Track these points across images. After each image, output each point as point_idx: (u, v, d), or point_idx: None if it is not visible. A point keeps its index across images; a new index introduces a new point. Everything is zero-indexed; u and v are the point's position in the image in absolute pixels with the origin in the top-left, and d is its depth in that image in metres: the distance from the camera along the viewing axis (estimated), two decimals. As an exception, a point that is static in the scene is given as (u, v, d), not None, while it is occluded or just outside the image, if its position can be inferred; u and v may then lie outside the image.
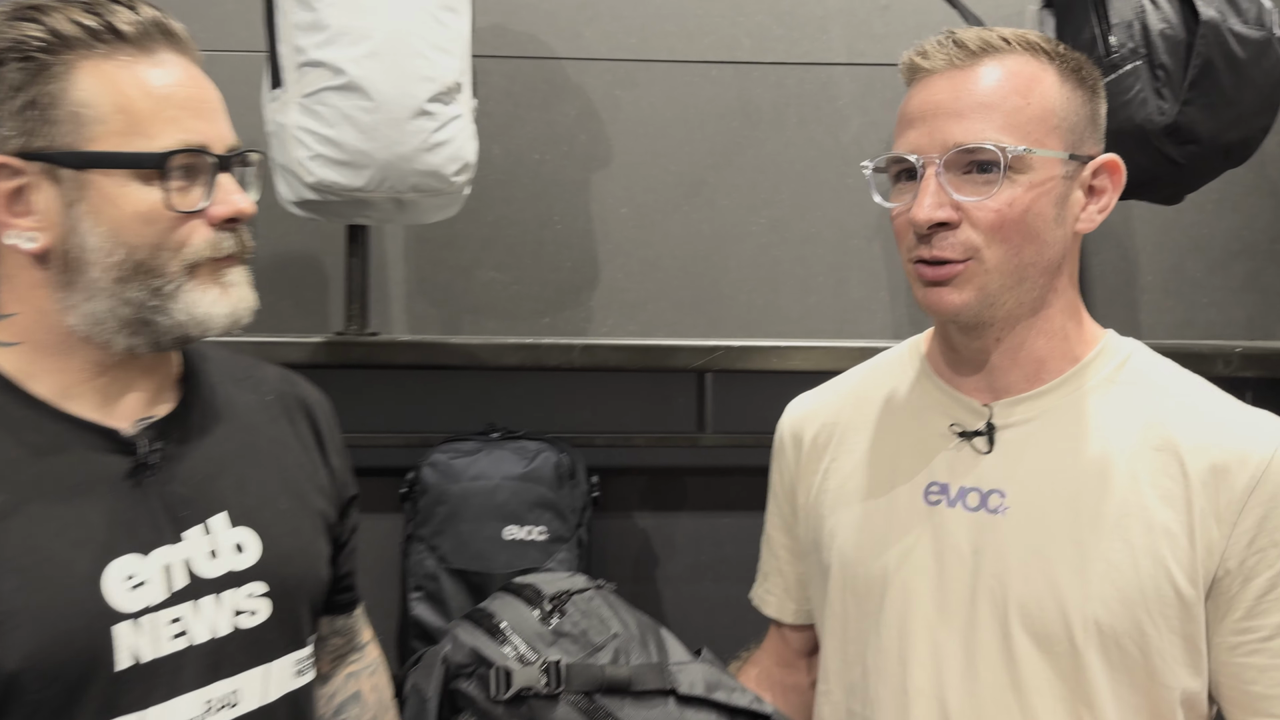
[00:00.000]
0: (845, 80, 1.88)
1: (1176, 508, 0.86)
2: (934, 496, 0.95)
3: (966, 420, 0.96)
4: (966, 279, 0.89)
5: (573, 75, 1.85)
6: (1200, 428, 0.89)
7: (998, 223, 0.87)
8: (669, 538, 1.87)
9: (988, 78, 0.89)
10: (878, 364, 1.11)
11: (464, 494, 1.54)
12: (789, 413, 1.16)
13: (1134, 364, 0.95)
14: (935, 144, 0.88)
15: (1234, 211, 1.94)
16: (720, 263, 1.88)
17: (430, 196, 1.46)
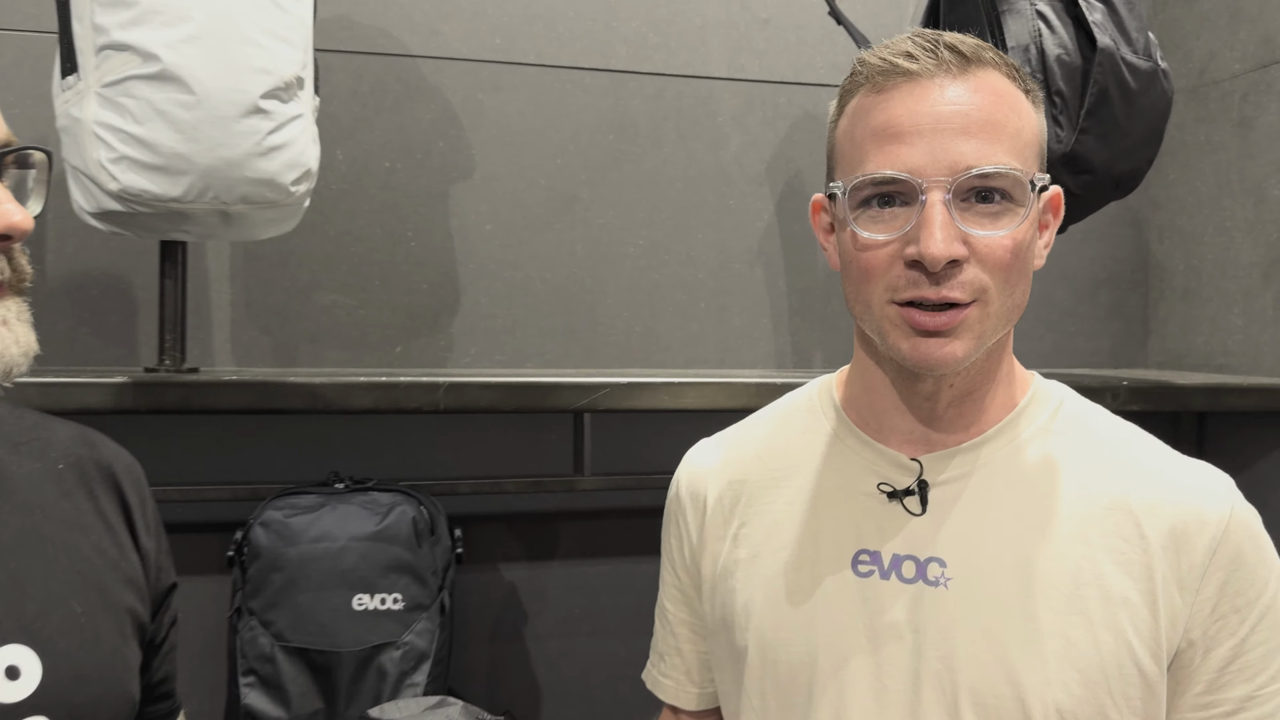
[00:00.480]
0: (725, 96, 1.77)
1: (1135, 575, 0.77)
2: (864, 567, 0.82)
3: (894, 477, 0.83)
4: (968, 326, 0.75)
5: (429, 75, 1.65)
6: (1151, 485, 0.79)
7: (1009, 261, 0.75)
8: (539, 590, 1.69)
9: (987, 92, 0.76)
10: (785, 411, 0.97)
11: (304, 559, 1.32)
12: (688, 467, 0.98)
13: (1067, 411, 0.85)
14: (941, 165, 0.73)
15: (1099, 241, 1.95)
16: (595, 286, 1.72)
17: (263, 209, 1.24)
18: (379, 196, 1.64)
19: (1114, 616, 0.76)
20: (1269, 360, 1.69)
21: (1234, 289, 1.77)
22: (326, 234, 1.61)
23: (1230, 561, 0.76)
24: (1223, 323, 1.80)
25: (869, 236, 0.76)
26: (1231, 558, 0.76)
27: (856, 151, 0.78)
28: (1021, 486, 0.80)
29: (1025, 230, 0.76)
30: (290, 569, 1.31)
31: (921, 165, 0.74)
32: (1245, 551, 0.76)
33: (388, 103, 1.64)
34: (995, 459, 0.82)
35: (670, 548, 0.99)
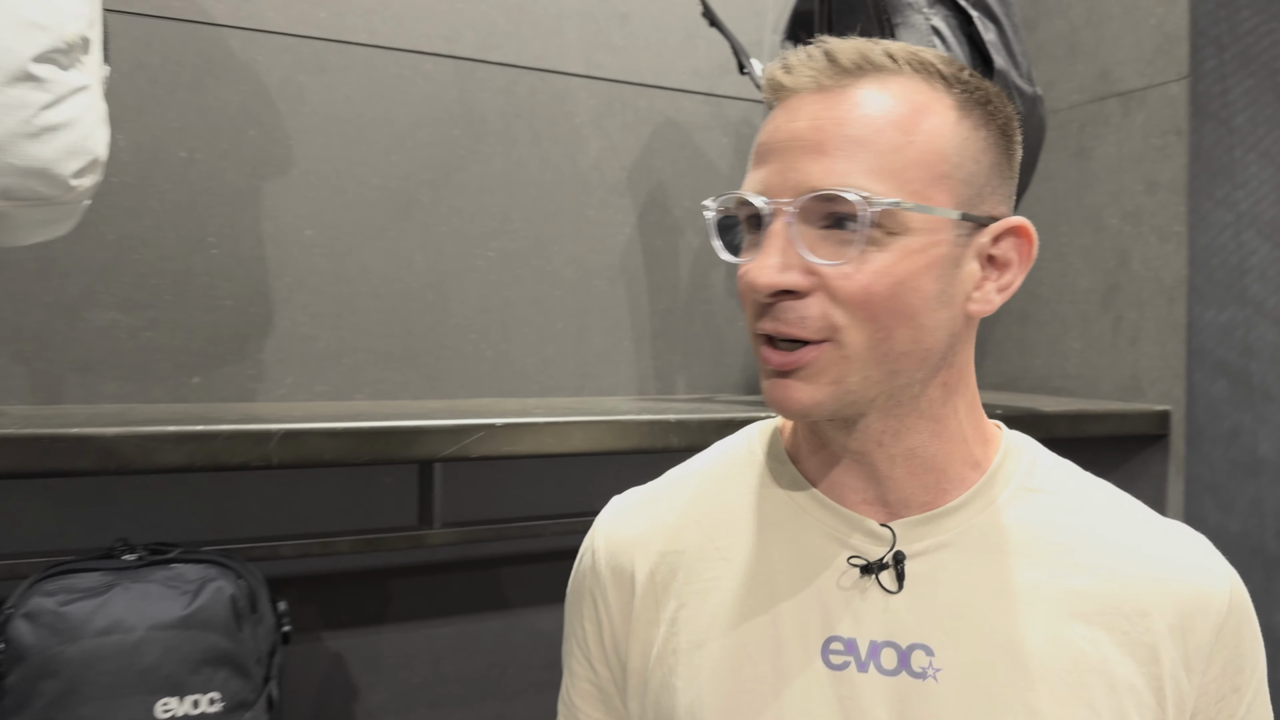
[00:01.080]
0: (583, 94, 1.60)
1: (1140, 658, 0.68)
2: (838, 657, 0.70)
3: (865, 547, 0.71)
4: (820, 369, 0.66)
5: (239, 49, 1.37)
6: (1149, 559, 0.71)
7: (863, 297, 0.64)
8: (372, 660, 1.45)
9: (863, 105, 0.66)
10: (721, 463, 0.82)
11: (88, 659, 1.02)
12: (607, 534, 0.82)
13: (1043, 468, 0.76)
14: (788, 186, 0.65)
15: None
16: (438, 304, 1.50)
17: (32, 207, 0.94)
18: (172, 193, 1.34)
19: (1120, 706, 0.67)
20: (1106, 384, 1.74)
21: (1071, 314, 1.81)
22: (104, 238, 1.30)
23: (1232, 641, 0.70)
24: (1060, 346, 1.84)
25: (735, 262, 0.70)
26: (1234, 637, 0.70)
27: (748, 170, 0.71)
28: (1007, 557, 0.70)
29: (898, 265, 0.64)
30: (69, 673, 1.01)
31: (773, 186, 0.66)
32: (1244, 629, 0.71)
33: (184, 79, 1.34)
34: (973, 526, 0.71)
35: (583, 633, 0.82)
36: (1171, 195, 1.63)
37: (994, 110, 0.70)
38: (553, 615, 1.55)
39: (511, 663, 1.53)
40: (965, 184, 0.67)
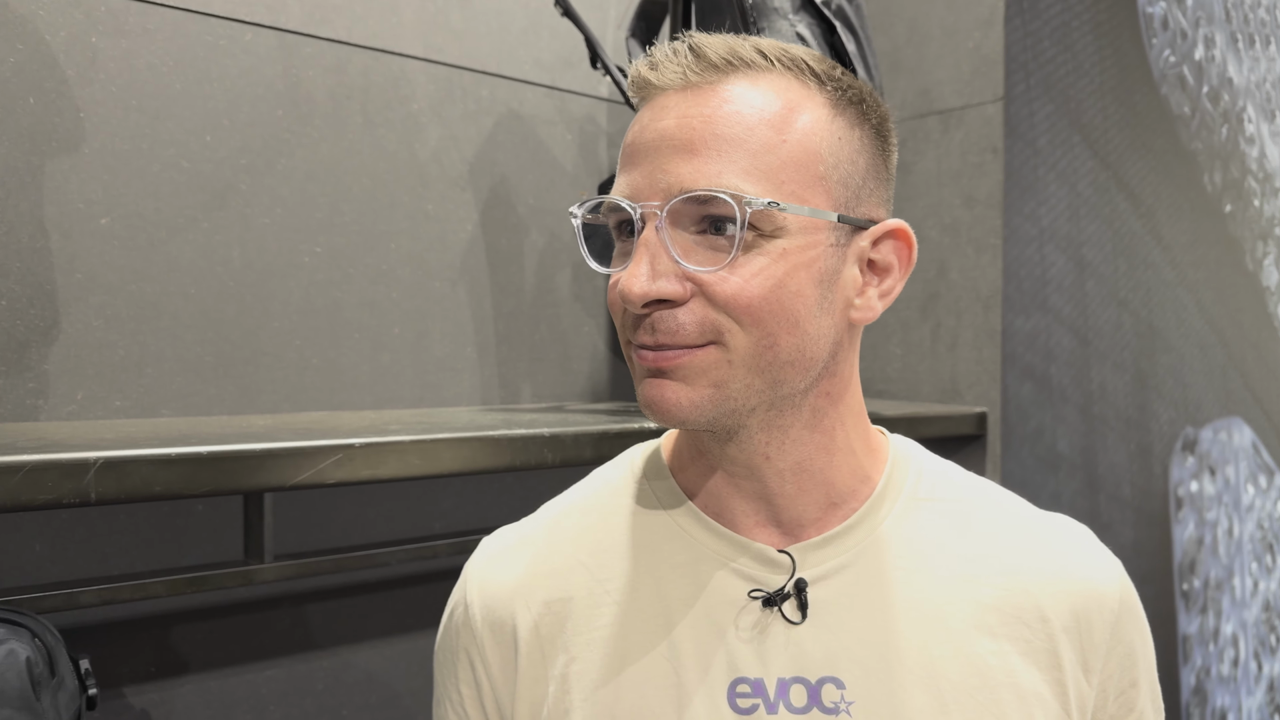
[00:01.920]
0: (421, 79, 1.48)
1: (1043, 665, 0.68)
2: (745, 700, 0.65)
3: (763, 577, 0.68)
4: (701, 370, 0.62)
5: (15, 2, 1.15)
6: (1041, 559, 0.71)
7: (745, 301, 0.61)
8: (187, 713, 1.26)
9: (734, 102, 0.63)
10: (602, 494, 0.76)
11: None
12: (481, 585, 0.74)
13: (930, 474, 0.75)
14: (657, 189, 0.62)
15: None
16: (258, 306, 1.33)
17: None
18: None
19: (1030, 716, 0.67)
20: (926, 387, 1.83)
21: (893, 321, 1.89)
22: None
23: (1125, 636, 0.72)
24: (881, 351, 1.91)
25: (604, 271, 0.67)
26: (1126, 632, 0.72)
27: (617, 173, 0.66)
28: (909, 574, 0.68)
29: (770, 266, 0.62)
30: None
31: (641, 189, 0.63)
32: (1134, 623, 0.72)
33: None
34: (869, 544, 0.69)
35: (459, 697, 0.74)
36: (988, 210, 1.74)
37: (868, 110, 0.68)
38: (391, 650, 1.42)
39: (345, 704, 1.38)
40: (842, 185, 0.65)
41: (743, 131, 0.62)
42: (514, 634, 0.71)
